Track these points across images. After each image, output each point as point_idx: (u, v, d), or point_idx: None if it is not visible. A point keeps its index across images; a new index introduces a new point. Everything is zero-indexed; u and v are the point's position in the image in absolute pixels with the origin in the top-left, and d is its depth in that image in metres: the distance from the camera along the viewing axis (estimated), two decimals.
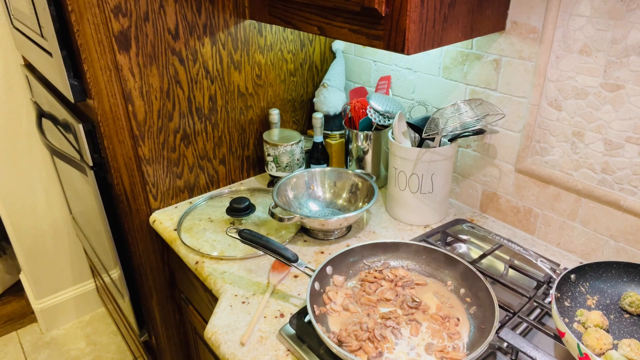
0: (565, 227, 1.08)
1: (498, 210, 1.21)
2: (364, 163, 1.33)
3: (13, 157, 1.88)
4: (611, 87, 0.91)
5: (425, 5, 0.84)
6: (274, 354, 0.84)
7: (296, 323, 0.87)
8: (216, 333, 0.89)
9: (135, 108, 1.16)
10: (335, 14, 0.96)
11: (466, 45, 1.13)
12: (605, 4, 0.88)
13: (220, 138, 1.34)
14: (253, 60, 1.32)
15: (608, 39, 0.89)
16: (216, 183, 1.39)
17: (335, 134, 1.44)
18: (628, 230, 0.97)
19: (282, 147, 1.29)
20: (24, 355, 2.12)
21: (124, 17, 1.06)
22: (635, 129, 0.90)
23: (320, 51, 1.47)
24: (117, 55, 1.09)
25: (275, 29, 1.33)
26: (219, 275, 1.04)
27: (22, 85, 1.81)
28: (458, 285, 0.93)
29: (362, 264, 1.00)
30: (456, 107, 1.06)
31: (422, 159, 1.10)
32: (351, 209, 1.22)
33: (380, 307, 0.90)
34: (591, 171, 0.99)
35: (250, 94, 1.35)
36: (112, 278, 1.65)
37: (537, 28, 0.98)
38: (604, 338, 0.77)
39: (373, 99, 1.23)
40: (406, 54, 0.86)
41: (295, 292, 0.99)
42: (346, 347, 0.80)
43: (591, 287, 0.89)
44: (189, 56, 1.19)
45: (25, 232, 2.02)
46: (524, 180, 1.12)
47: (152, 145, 1.22)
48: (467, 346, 0.81)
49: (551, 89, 1.01)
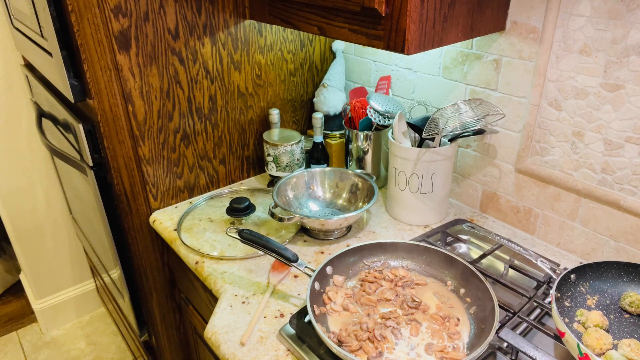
0: (565, 227, 1.08)
1: (498, 210, 1.21)
2: (364, 163, 1.33)
3: (13, 157, 1.88)
4: (611, 87, 0.91)
5: (425, 5, 0.84)
6: (274, 354, 0.84)
7: (296, 323, 0.87)
8: (216, 333, 0.89)
9: (135, 108, 1.16)
10: (335, 14, 0.96)
11: (466, 45, 1.13)
12: (605, 4, 0.88)
13: (220, 138, 1.34)
14: (253, 60, 1.32)
15: (608, 39, 0.89)
16: (216, 183, 1.39)
17: (335, 134, 1.44)
18: (628, 230, 0.97)
19: (282, 147, 1.29)
20: (24, 355, 2.12)
21: (124, 17, 1.06)
22: (635, 129, 0.90)
23: (320, 51, 1.47)
24: (117, 55, 1.09)
25: (275, 29, 1.33)
26: (219, 275, 1.04)
27: (22, 85, 1.81)
28: (458, 285, 0.93)
29: (362, 264, 1.00)
30: (456, 107, 1.06)
31: (422, 159, 1.10)
32: (351, 209, 1.22)
33: (380, 307, 0.90)
34: (591, 171, 0.99)
35: (250, 94, 1.35)
36: (112, 278, 1.65)
37: (537, 28, 0.98)
38: (604, 338, 0.77)
39: (373, 99, 1.23)
40: (406, 54, 0.86)
41: (295, 292, 0.99)
42: (346, 347, 0.80)
43: (591, 287, 0.89)
44: (189, 56, 1.19)
45: (25, 232, 2.02)
46: (524, 180, 1.12)
47: (152, 145, 1.22)
48: (467, 346, 0.81)
49: (551, 89, 1.01)
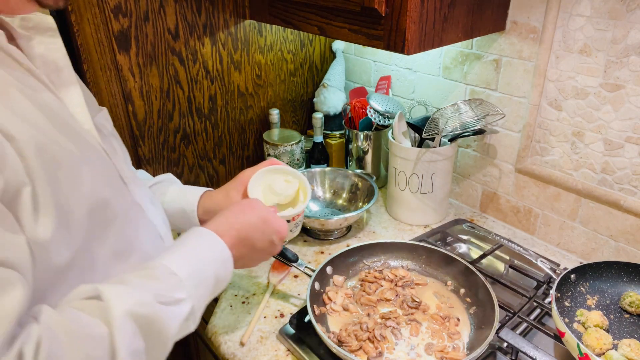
0: (565, 227, 1.08)
1: (498, 210, 1.21)
2: (364, 163, 1.33)
3: None
4: (611, 87, 0.91)
5: (425, 5, 0.84)
6: (274, 354, 0.84)
7: (296, 323, 0.87)
8: (216, 333, 0.89)
9: (135, 108, 1.16)
10: (335, 14, 0.96)
11: (466, 45, 1.13)
12: (605, 4, 0.88)
13: (220, 138, 1.34)
14: (253, 60, 1.32)
15: (608, 39, 0.89)
16: (216, 183, 1.39)
17: (335, 134, 1.44)
18: (628, 230, 0.97)
19: (282, 147, 1.29)
20: None
21: (124, 17, 1.06)
22: (635, 129, 0.90)
23: (320, 51, 1.47)
24: (117, 55, 1.09)
25: (275, 29, 1.33)
26: None
27: None
28: (458, 285, 0.93)
29: (362, 264, 1.00)
30: (456, 107, 1.06)
31: (422, 159, 1.10)
32: (351, 209, 1.22)
33: (380, 307, 0.90)
34: (591, 171, 0.99)
35: (250, 94, 1.35)
36: None
37: (537, 28, 0.98)
38: (604, 338, 0.77)
39: (373, 99, 1.23)
40: (406, 54, 0.86)
41: (295, 292, 0.99)
42: (346, 347, 0.80)
43: (591, 287, 0.89)
44: (189, 56, 1.19)
45: None
46: (524, 180, 1.12)
47: (152, 145, 1.22)
48: (467, 346, 0.81)
49: (551, 89, 1.01)
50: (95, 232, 0.57)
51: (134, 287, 0.54)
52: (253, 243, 0.71)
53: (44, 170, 0.50)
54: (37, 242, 0.49)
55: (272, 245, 0.75)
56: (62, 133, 0.55)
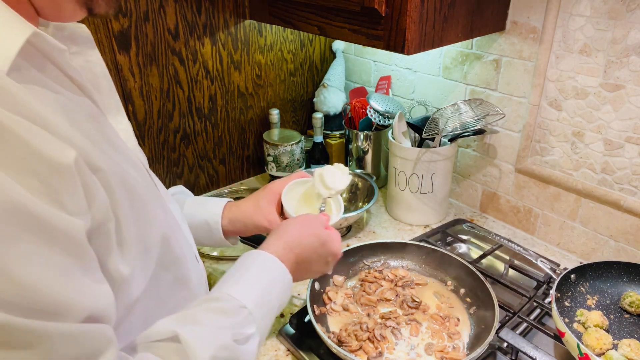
0: (565, 227, 1.08)
1: (498, 210, 1.21)
2: (364, 163, 1.33)
3: None
4: (611, 87, 0.91)
5: (425, 5, 0.84)
6: (274, 354, 0.84)
7: (296, 323, 0.87)
8: None
9: (135, 108, 1.16)
10: (335, 14, 0.96)
11: (466, 45, 1.13)
12: (605, 4, 0.88)
13: (220, 138, 1.34)
14: (253, 60, 1.32)
15: (608, 39, 0.89)
16: (216, 183, 1.39)
17: (335, 134, 1.44)
18: (628, 230, 0.97)
19: (282, 147, 1.29)
20: None
21: (124, 17, 1.06)
22: (635, 129, 0.90)
23: (320, 51, 1.47)
24: (117, 55, 1.09)
25: (275, 29, 1.33)
26: (219, 275, 1.04)
27: None
28: (458, 285, 0.93)
29: (362, 264, 1.00)
30: (456, 107, 1.06)
31: (422, 159, 1.10)
32: (351, 209, 1.22)
33: (380, 307, 0.90)
34: (591, 171, 0.99)
35: (250, 94, 1.35)
36: None
37: (537, 28, 0.98)
38: (604, 338, 0.77)
39: (373, 99, 1.23)
40: (406, 54, 0.86)
41: (295, 292, 0.99)
42: (346, 347, 0.79)
43: (591, 287, 0.89)
44: (189, 56, 1.19)
45: None
46: (524, 180, 1.12)
47: (152, 145, 1.22)
48: (467, 346, 0.81)
49: (551, 89, 1.01)
50: (162, 260, 0.54)
51: (210, 328, 0.51)
52: (309, 266, 0.69)
53: (128, 202, 0.46)
54: (120, 280, 0.45)
55: (326, 266, 0.72)
56: (126, 161, 0.51)
